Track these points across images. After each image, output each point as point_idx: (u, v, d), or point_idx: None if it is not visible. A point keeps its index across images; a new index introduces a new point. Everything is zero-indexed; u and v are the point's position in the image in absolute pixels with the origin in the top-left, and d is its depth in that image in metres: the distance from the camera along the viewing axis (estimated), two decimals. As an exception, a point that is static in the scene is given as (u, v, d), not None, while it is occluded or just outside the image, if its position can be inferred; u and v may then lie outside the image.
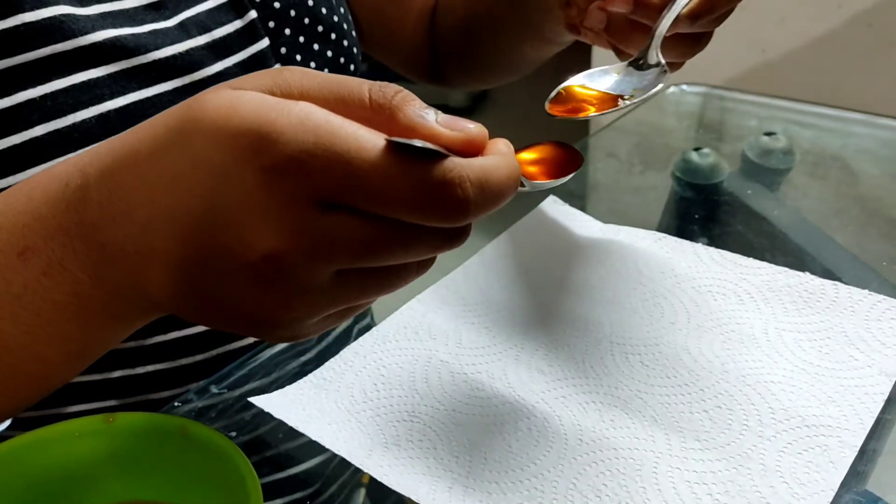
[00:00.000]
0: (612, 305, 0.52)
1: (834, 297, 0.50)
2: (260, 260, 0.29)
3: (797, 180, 0.73)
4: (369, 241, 0.29)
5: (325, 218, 0.28)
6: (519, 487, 0.40)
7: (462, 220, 0.29)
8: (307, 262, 0.29)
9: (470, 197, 0.28)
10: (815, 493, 0.39)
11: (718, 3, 0.47)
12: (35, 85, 0.45)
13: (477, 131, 0.30)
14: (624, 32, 0.49)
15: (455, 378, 0.48)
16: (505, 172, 0.29)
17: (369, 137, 0.28)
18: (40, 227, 0.34)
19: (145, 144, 0.31)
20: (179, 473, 0.34)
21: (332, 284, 0.30)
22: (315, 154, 0.27)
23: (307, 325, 0.32)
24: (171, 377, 0.53)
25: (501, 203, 0.30)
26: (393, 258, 0.30)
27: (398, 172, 0.28)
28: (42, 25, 0.45)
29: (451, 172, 0.28)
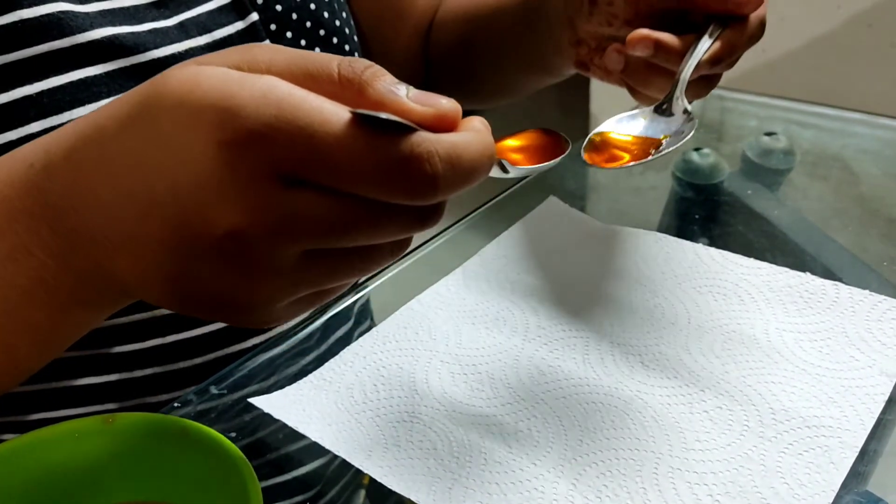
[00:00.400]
0: (612, 305, 0.52)
1: (834, 297, 0.50)
2: (222, 237, 0.28)
3: (797, 180, 0.73)
4: (334, 220, 0.28)
5: (288, 194, 0.27)
6: (519, 488, 0.40)
7: (431, 197, 0.28)
8: (270, 240, 0.28)
9: (439, 173, 0.27)
10: (816, 494, 0.38)
11: (738, 47, 0.48)
12: (32, 81, 0.45)
13: (449, 106, 0.29)
14: (642, 75, 0.49)
15: (455, 379, 0.47)
16: (478, 149, 0.28)
17: (334, 110, 0.27)
18: (5, 210, 0.33)
19: (109, 123, 0.31)
20: (179, 475, 0.34)
21: (299, 265, 0.29)
22: (277, 127, 0.26)
23: (276, 308, 0.31)
24: (169, 381, 0.53)
25: (474, 181, 0.29)
26: (361, 238, 0.29)
27: (363, 146, 0.26)
28: (40, 22, 0.45)
29: (419, 147, 0.27)
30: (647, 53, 0.47)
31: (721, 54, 0.47)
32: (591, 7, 0.51)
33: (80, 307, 0.35)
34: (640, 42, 0.47)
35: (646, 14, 0.49)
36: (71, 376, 0.51)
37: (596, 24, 0.52)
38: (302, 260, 0.29)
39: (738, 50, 0.48)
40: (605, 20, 0.51)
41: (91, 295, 0.34)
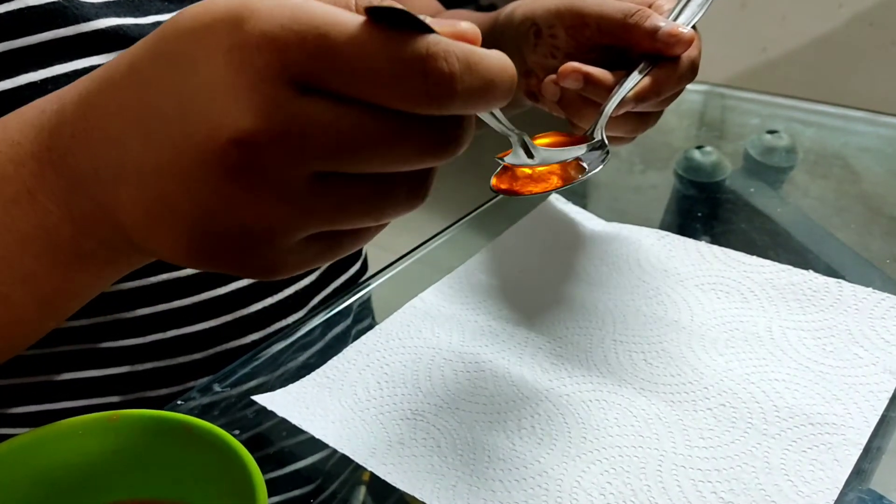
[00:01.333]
0: (615, 303, 0.52)
1: (838, 294, 0.50)
2: (228, 144, 0.26)
3: (800, 178, 0.73)
4: (347, 132, 0.26)
5: (299, 100, 0.26)
6: (523, 486, 0.40)
7: (448, 100, 0.26)
8: (278, 150, 0.26)
9: (455, 72, 0.25)
10: (820, 491, 0.38)
11: (663, 88, 0.48)
12: (37, 68, 0.45)
13: (469, 28, 0.27)
14: (576, 106, 0.50)
15: (458, 376, 0.47)
16: (498, 61, 0.27)
17: (348, 14, 0.26)
18: (12, 153, 0.33)
19: (122, 62, 0.30)
20: (184, 471, 0.34)
21: (310, 190, 0.27)
22: (290, 28, 0.25)
23: (286, 247, 0.29)
24: (171, 375, 0.53)
25: (494, 96, 0.27)
26: (374, 158, 0.27)
27: (377, 44, 0.25)
28: (45, 9, 0.45)
29: (436, 45, 0.25)
30: (577, 86, 0.48)
31: (646, 93, 0.47)
32: (536, 39, 0.52)
33: (81, 262, 0.34)
34: (571, 74, 0.48)
35: (587, 48, 0.50)
36: (73, 369, 0.51)
37: (541, 56, 0.53)
38: (313, 184, 0.27)
39: (665, 90, 0.48)
40: (549, 52, 0.52)
41: (92, 247, 0.33)
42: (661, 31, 0.47)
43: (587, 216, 0.61)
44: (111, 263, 0.35)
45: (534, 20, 0.52)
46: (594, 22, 0.49)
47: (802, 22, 1.62)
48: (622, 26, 0.48)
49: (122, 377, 0.52)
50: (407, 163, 0.27)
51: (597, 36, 0.50)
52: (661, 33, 0.47)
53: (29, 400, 0.52)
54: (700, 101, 0.86)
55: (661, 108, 0.51)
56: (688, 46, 0.48)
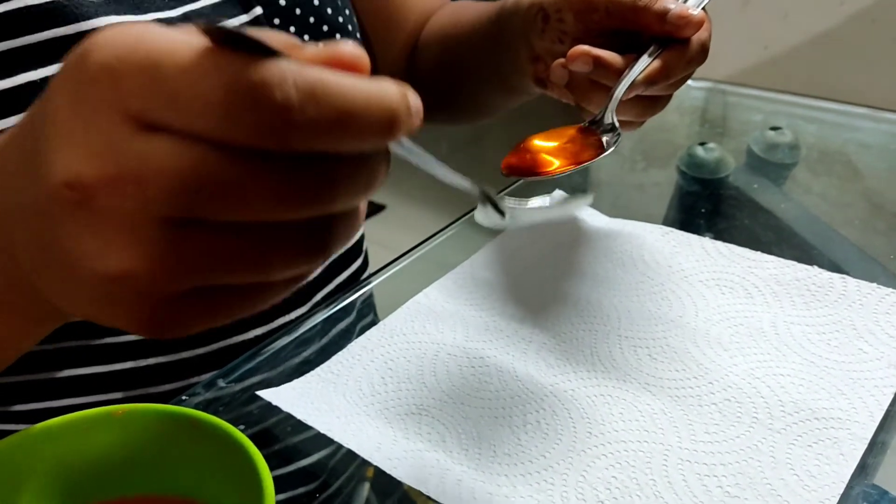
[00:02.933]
0: (619, 299, 0.52)
1: (842, 290, 0.50)
2: (62, 185, 0.24)
3: (803, 175, 0.73)
4: (188, 171, 0.23)
5: (135, 137, 0.23)
6: (528, 480, 0.40)
7: (286, 132, 0.22)
8: (116, 192, 0.23)
9: (293, 101, 0.22)
10: (826, 486, 0.38)
11: (673, 71, 0.48)
12: (36, 67, 0.45)
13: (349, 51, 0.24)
14: (584, 90, 0.50)
15: (463, 371, 0.47)
16: (361, 93, 0.23)
17: (187, 39, 0.23)
18: None
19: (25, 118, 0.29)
20: (190, 466, 0.34)
21: (165, 237, 0.24)
22: (125, 59, 0.23)
23: (155, 301, 0.25)
24: (174, 370, 0.53)
25: (353, 131, 0.23)
26: (228, 203, 0.24)
27: (209, 71, 0.22)
28: (45, 9, 0.45)
29: (271, 70, 0.22)
30: (586, 69, 0.48)
31: (656, 75, 0.47)
32: (544, 24, 0.52)
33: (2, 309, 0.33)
34: (580, 57, 0.47)
35: (595, 32, 0.50)
36: (75, 366, 0.51)
37: (549, 41, 0.53)
38: (169, 230, 0.24)
39: (675, 72, 0.48)
40: (557, 37, 0.52)
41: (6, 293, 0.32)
42: (670, 13, 0.47)
43: (591, 213, 0.61)
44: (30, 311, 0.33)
45: (541, 5, 0.52)
46: (603, 6, 0.49)
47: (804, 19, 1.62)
48: (632, 9, 0.48)
49: (126, 373, 0.52)
50: (270, 210, 0.24)
51: (605, 20, 0.49)
52: (670, 16, 0.47)
53: (32, 397, 0.52)
54: (702, 98, 0.86)
55: (670, 91, 0.51)
56: (698, 28, 0.48)
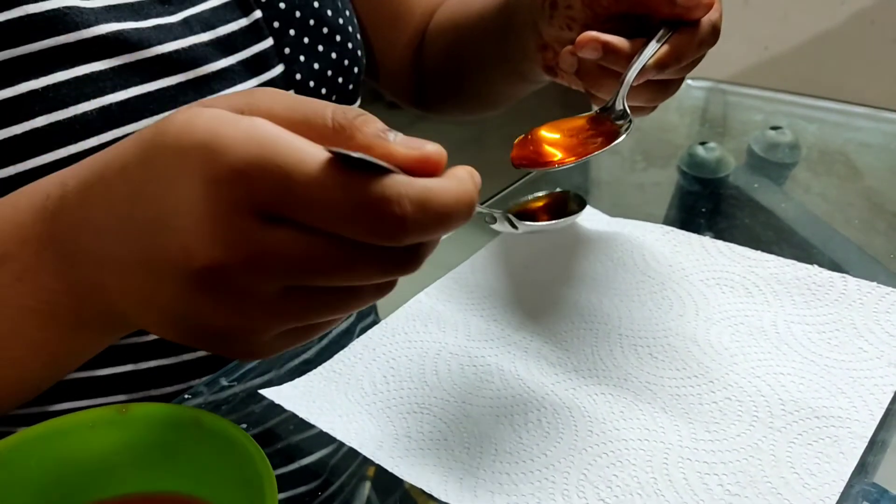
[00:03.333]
0: (620, 298, 0.52)
1: (842, 289, 0.50)
2: (201, 269, 0.29)
3: (803, 174, 0.73)
4: (309, 257, 0.28)
5: (265, 230, 0.28)
6: (530, 478, 0.41)
7: (399, 238, 0.28)
8: (247, 275, 0.29)
9: (407, 214, 0.27)
10: (826, 484, 0.39)
11: (684, 54, 0.48)
12: (38, 76, 0.45)
13: (433, 150, 0.29)
14: (594, 77, 0.50)
15: (465, 370, 0.48)
16: (453, 195, 0.28)
17: (312, 151, 0.28)
18: (18, 235, 0.35)
19: (118, 158, 0.32)
20: (194, 464, 0.34)
21: (280, 300, 0.30)
22: (256, 165, 0.27)
23: (263, 341, 0.32)
24: (176, 373, 0.53)
25: (447, 227, 0.29)
26: (336, 277, 0.29)
27: (337, 185, 0.27)
28: (46, 17, 0.45)
29: (390, 189, 0.27)
30: (595, 55, 0.47)
31: (667, 59, 0.47)
32: (552, 11, 0.52)
33: (83, 329, 0.37)
34: (589, 44, 0.47)
35: (604, 18, 0.50)
36: (80, 369, 0.51)
37: (557, 28, 0.52)
38: (283, 295, 0.30)
39: (686, 55, 0.48)
40: (565, 24, 0.52)
41: (92, 316, 0.36)
42: None
43: (592, 212, 0.61)
44: (110, 332, 0.38)
45: None
46: None
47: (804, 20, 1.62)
48: None
49: (128, 376, 0.52)
50: (368, 280, 0.30)
51: (614, 5, 0.49)
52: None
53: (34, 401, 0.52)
54: (702, 98, 0.86)
55: (681, 74, 0.50)
56: (707, 10, 0.47)
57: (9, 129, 0.45)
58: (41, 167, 0.45)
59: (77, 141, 0.46)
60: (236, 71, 0.52)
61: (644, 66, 0.46)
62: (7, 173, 0.45)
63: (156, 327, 0.33)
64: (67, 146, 0.46)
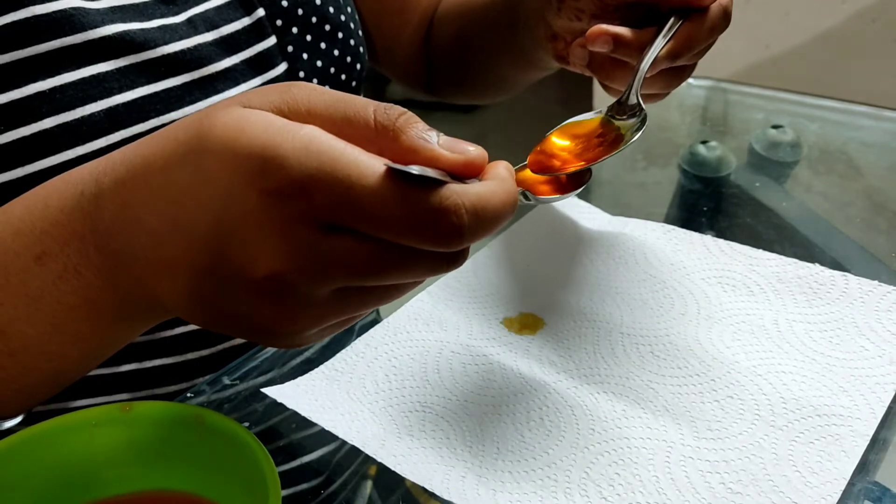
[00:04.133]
0: (621, 297, 0.52)
1: (844, 287, 0.50)
2: (263, 278, 0.30)
3: (805, 173, 0.73)
4: (368, 263, 0.30)
5: (326, 240, 0.29)
6: (532, 476, 0.41)
7: (457, 245, 0.30)
8: (308, 282, 0.30)
9: (465, 224, 0.29)
10: (828, 482, 0.39)
11: (696, 42, 0.48)
12: (45, 77, 0.45)
13: (476, 153, 0.31)
14: (606, 69, 0.50)
15: (466, 369, 0.48)
16: (501, 198, 0.30)
17: (370, 163, 0.29)
18: (57, 234, 0.35)
19: (157, 157, 0.32)
20: (197, 462, 0.34)
21: (333, 300, 0.31)
22: (317, 179, 0.28)
23: (308, 334, 0.33)
24: (179, 371, 0.53)
25: (497, 227, 0.31)
26: (390, 278, 0.31)
27: (396, 199, 0.28)
28: (52, 18, 0.45)
29: (448, 200, 0.29)
30: (606, 48, 0.47)
31: (679, 49, 0.47)
32: (559, 3, 0.52)
33: (123, 322, 0.37)
34: (599, 37, 0.47)
35: (612, 8, 0.49)
36: None
37: (566, 19, 0.52)
38: (336, 295, 0.31)
39: (697, 43, 0.48)
40: (574, 14, 0.51)
41: (133, 311, 0.36)
42: None
43: (593, 210, 0.61)
44: (151, 320, 0.38)
45: None
46: None
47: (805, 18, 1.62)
48: None
49: (131, 374, 0.52)
50: (418, 277, 0.32)
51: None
52: None
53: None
54: (703, 97, 0.86)
55: (694, 60, 0.50)
56: None
57: (17, 131, 0.45)
58: (50, 168, 0.45)
59: (85, 142, 0.46)
60: (240, 70, 0.52)
61: (656, 56, 0.46)
62: (16, 175, 0.45)
63: (200, 320, 0.34)
64: (75, 147, 0.46)
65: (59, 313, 0.36)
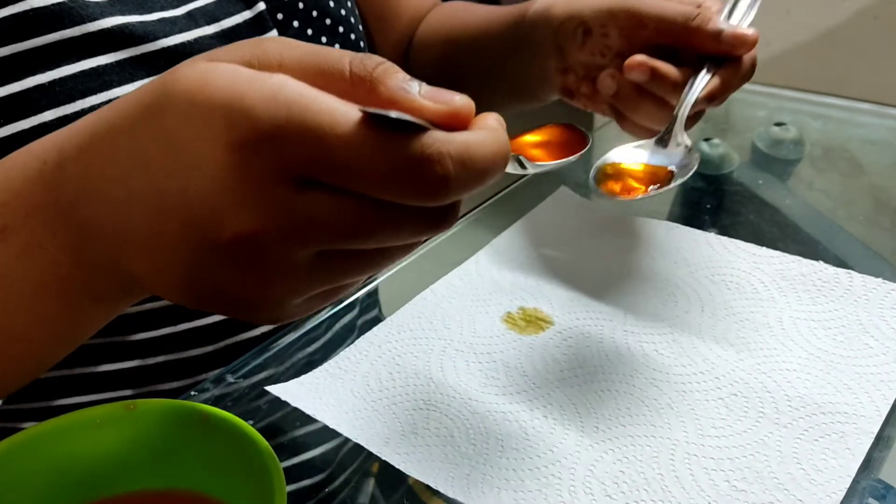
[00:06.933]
0: (625, 294, 0.52)
1: (848, 285, 0.50)
2: (233, 240, 0.27)
3: (807, 171, 0.73)
4: (346, 222, 0.27)
5: (299, 196, 0.27)
6: (536, 474, 0.41)
7: (442, 198, 0.27)
8: (282, 243, 0.27)
9: (450, 174, 0.26)
10: (833, 480, 0.39)
11: (731, 87, 0.49)
12: (44, 70, 0.45)
13: (462, 103, 0.28)
14: (633, 101, 0.50)
15: (470, 367, 0.48)
16: (491, 148, 0.27)
17: (344, 110, 0.26)
18: (18, 206, 0.33)
19: (120, 122, 0.30)
20: (202, 460, 0.34)
21: (312, 266, 0.29)
22: (287, 129, 0.26)
23: (290, 305, 0.31)
24: (182, 368, 0.53)
25: (487, 181, 0.28)
26: (373, 240, 0.28)
27: (374, 146, 0.26)
28: (51, 11, 0.45)
29: (430, 147, 0.26)
30: (643, 79, 0.48)
31: (716, 92, 0.48)
32: (585, 38, 0.52)
33: (93, 301, 0.35)
34: (638, 67, 0.48)
35: (640, 49, 0.50)
36: (86, 364, 0.51)
37: (588, 54, 0.53)
38: (315, 260, 0.29)
39: (731, 89, 0.49)
40: (599, 51, 0.52)
41: (104, 289, 0.34)
42: (725, 33, 0.48)
43: (595, 209, 0.61)
44: (123, 300, 0.36)
45: (582, 19, 0.52)
46: (653, 24, 0.49)
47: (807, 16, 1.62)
48: (684, 29, 0.48)
49: (134, 371, 0.52)
50: (401, 241, 0.29)
51: (654, 37, 0.50)
52: (725, 35, 0.48)
53: (40, 396, 0.52)
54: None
55: (715, 106, 0.51)
56: (752, 47, 0.48)
57: (17, 124, 0.45)
58: None
59: None
60: None
61: (696, 98, 0.47)
62: None
63: (175, 294, 0.31)
64: None
65: (24, 292, 0.34)
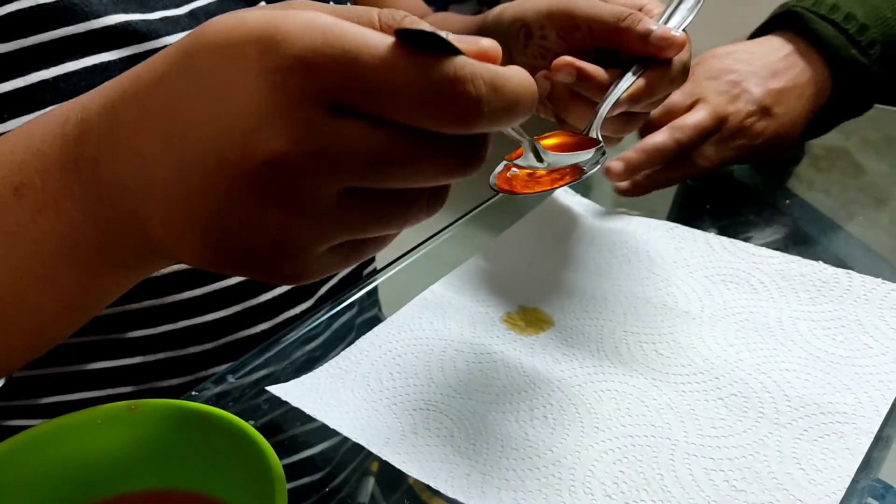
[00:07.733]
0: (625, 294, 0.52)
1: (847, 285, 0.50)
2: (262, 165, 0.27)
3: (807, 170, 0.73)
4: (377, 150, 0.27)
5: (331, 122, 0.27)
6: (536, 475, 0.41)
7: (475, 122, 0.27)
8: (311, 170, 0.27)
9: (483, 95, 0.26)
10: (832, 479, 0.39)
11: (656, 90, 0.49)
12: (48, 66, 0.45)
13: (489, 45, 0.28)
14: (565, 102, 0.51)
15: (470, 367, 0.48)
16: (521, 80, 0.28)
17: (378, 35, 0.26)
18: (37, 163, 0.33)
19: (147, 75, 0.30)
20: (203, 460, 0.34)
21: (338, 205, 0.28)
22: (322, 52, 0.26)
23: (311, 257, 0.30)
24: (183, 364, 0.53)
25: (517, 113, 0.28)
26: (401, 175, 0.28)
27: (407, 67, 0.26)
28: (55, 7, 0.45)
29: (463, 69, 0.26)
30: (570, 79, 0.48)
31: (640, 94, 0.48)
32: (527, 40, 0.53)
33: (107, 268, 0.34)
34: (565, 68, 0.48)
35: (577, 50, 0.50)
36: (86, 360, 0.51)
37: (530, 56, 0.53)
38: (341, 200, 0.28)
39: (657, 91, 0.49)
40: (539, 53, 0.52)
41: (119, 254, 0.33)
42: (653, 34, 0.48)
43: (595, 209, 0.61)
44: (137, 267, 0.35)
45: (524, 21, 0.52)
46: (586, 24, 0.49)
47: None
48: (614, 29, 0.49)
49: (135, 368, 0.53)
50: (432, 179, 0.29)
51: (588, 38, 0.50)
52: (653, 37, 0.48)
53: (41, 391, 0.52)
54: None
55: (649, 109, 0.52)
56: (680, 50, 0.49)
57: (20, 119, 0.45)
58: None
59: None
60: None
61: (618, 98, 0.47)
62: None
63: (196, 251, 0.30)
64: None
65: (37, 257, 0.33)
